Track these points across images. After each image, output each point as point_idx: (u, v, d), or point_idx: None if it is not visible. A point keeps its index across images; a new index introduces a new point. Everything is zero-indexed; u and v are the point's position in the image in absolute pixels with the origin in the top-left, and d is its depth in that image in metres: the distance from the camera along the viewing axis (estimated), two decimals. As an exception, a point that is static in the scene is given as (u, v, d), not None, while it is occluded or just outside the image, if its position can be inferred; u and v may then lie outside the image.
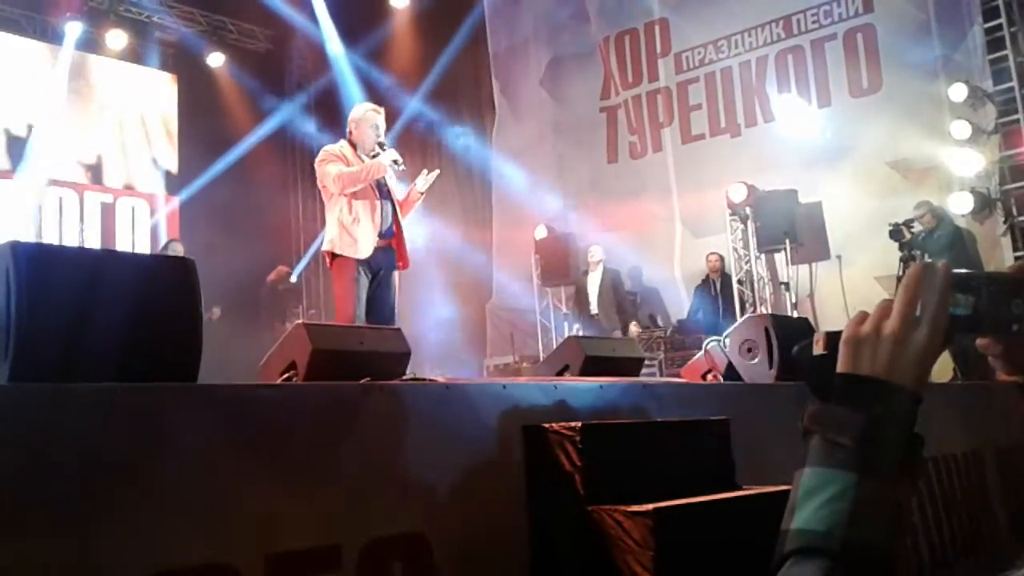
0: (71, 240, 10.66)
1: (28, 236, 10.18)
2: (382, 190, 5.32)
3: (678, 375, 6.06)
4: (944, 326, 0.84)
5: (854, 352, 0.85)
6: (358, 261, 5.16)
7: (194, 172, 11.78)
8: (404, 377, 2.91)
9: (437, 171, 5.61)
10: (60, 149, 11.04)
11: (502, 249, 11.43)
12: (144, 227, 11.67)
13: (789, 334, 4.10)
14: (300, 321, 3.05)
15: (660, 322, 9.97)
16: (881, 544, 0.78)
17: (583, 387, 3.02)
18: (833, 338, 0.88)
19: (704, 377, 4.43)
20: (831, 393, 0.84)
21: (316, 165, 5.37)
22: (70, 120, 11.24)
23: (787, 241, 8.89)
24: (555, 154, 11.17)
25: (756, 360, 4.10)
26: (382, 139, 5.41)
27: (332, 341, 2.87)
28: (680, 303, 10.10)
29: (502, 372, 9.84)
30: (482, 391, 2.68)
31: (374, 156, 5.33)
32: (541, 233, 10.58)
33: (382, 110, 5.57)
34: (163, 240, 11.09)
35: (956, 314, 0.85)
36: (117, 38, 11.41)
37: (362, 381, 2.48)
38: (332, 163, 5.27)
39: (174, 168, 12.11)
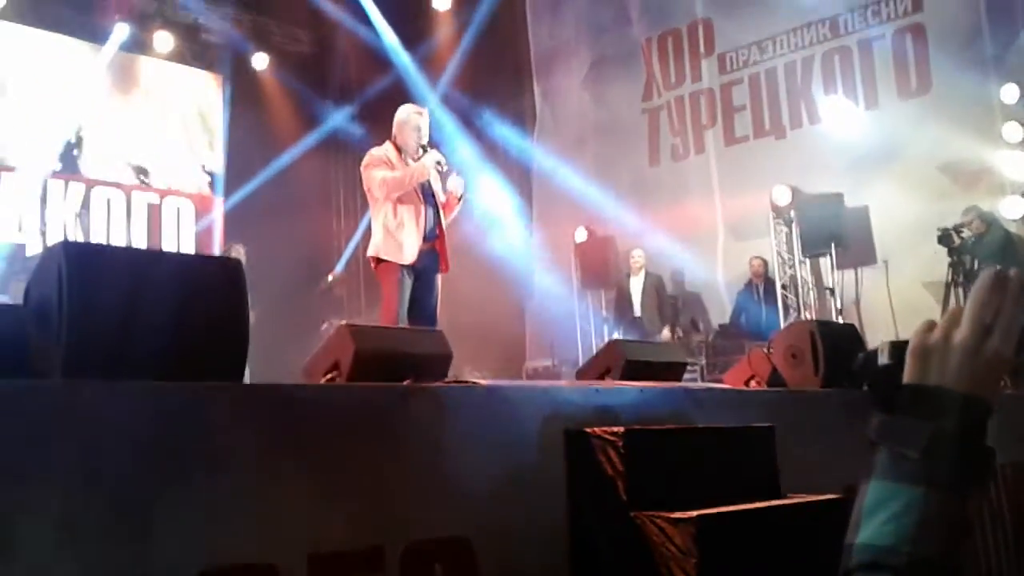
0: (117, 240, 10.84)
1: (75, 235, 10.39)
2: (426, 193, 5.33)
3: (719, 380, 5.99)
4: (1017, 335, 0.81)
5: (922, 362, 0.82)
6: (402, 264, 5.18)
7: (239, 172, 11.92)
8: (446, 379, 2.91)
9: (461, 179, 5.52)
10: (107, 149, 11.23)
11: (542, 251, 11.40)
12: (189, 227, 11.82)
13: (835, 341, 4.03)
14: (344, 322, 3.07)
15: (701, 327, 9.87)
16: (948, 560, 0.76)
17: (625, 391, 2.99)
18: (898, 347, 0.85)
19: (747, 383, 4.36)
20: (897, 404, 0.81)
21: (362, 169, 5.38)
22: (117, 120, 11.43)
23: (832, 245, 8.76)
24: (596, 156, 11.09)
25: (801, 367, 4.03)
26: (424, 141, 5.41)
27: (375, 342, 2.87)
28: (722, 307, 9.98)
29: (541, 375, 9.82)
30: (523, 394, 2.67)
31: (418, 159, 5.34)
32: (581, 236, 10.52)
33: (425, 112, 5.57)
34: (216, 240, 11.24)
35: None
36: (164, 40, 11.59)
37: (405, 383, 2.48)
38: (378, 168, 5.28)
39: (219, 169, 12.27)
